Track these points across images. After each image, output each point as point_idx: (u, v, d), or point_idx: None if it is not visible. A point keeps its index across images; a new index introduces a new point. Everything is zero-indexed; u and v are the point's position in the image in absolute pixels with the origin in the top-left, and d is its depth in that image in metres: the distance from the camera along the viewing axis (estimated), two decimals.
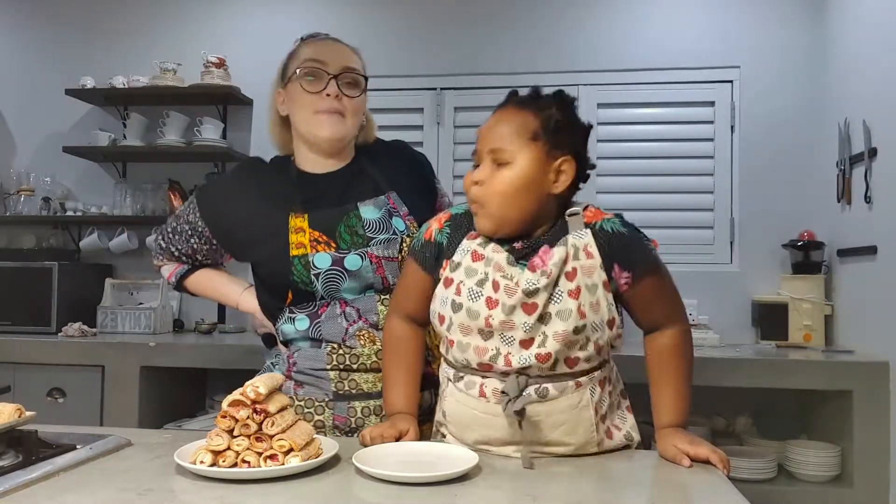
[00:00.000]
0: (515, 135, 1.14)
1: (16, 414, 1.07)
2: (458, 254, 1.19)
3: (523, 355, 1.10)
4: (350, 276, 1.36)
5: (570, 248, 1.12)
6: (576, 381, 1.13)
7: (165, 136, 3.12)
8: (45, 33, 3.38)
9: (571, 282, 1.11)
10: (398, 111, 3.08)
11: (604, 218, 1.15)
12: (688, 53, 2.97)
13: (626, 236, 1.14)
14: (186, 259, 1.56)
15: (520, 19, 3.08)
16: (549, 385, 1.12)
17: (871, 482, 2.22)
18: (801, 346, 2.62)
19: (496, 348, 1.12)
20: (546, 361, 1.10)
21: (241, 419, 1.00)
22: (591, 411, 1.13)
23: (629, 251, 1.13)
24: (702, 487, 1.01)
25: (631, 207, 2.96)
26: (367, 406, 1.36)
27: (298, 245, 1.36)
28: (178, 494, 0.94)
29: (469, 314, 1.13)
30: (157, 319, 2.88)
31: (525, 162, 1.13)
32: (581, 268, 1.11)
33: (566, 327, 1.09)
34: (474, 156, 1.19)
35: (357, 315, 1.37)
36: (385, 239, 1.39)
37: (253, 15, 3.21)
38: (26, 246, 3.21)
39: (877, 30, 2.39)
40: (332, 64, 1.40)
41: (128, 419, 2.50)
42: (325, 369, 1.36)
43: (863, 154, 2.42)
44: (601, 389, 1.16)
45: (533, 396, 1.11)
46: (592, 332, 1.11)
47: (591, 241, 1.12)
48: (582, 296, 1.10)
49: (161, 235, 1.58)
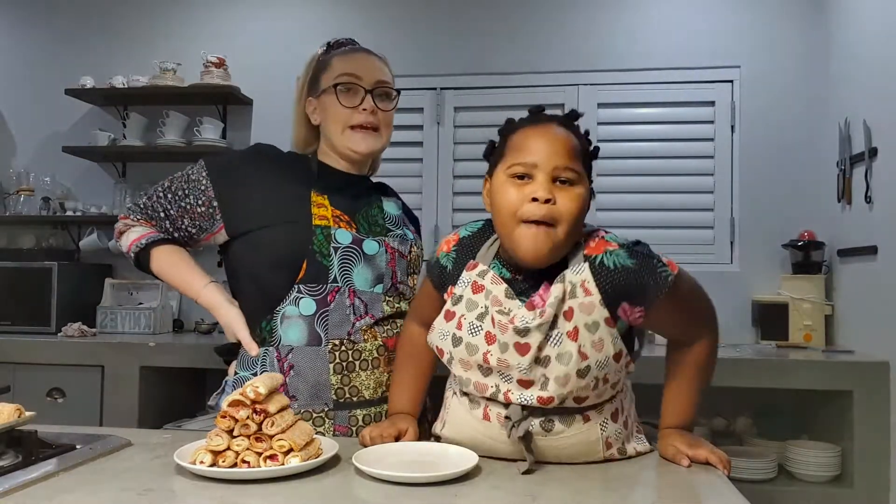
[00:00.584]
0: (576, 157, 1.07)
1: (15, 414, 1.07)
2: (459, 286, 1.14)
3: (524, 394, 1.06)
4: (365, 260, 1.38)
5: (568, 284, 1.05)
6: (584, 415, 1.08)
7: (165, 136, 3.12)
8: (45, 33, 3.38)
9: (569, 321, 1.04)
10: (398, 111, 3.03)
11: (606, 250, 1.07)
12: (688, 53, 2.97)
13: (633, 270, 1.05)
14: (167, 225, 1.45)
15: (520, 19, 3.07)
16: (555, 417, 1.07)
17: (871, 482, 2.22)
18: (802, 346, 2.62)
19: (496, 385, 1.08)
20: (549, 404, 1.05)
21: (241, 419, 1.00)
22: (601, 445, 1.10)
23: (639, 287, 1.05)
24: (702, 487, 1.01)
25: (631, 207, 2.97)
26: (369, 413, 1.36)
27: (321, 217, 1.38)
28: (178, 494, 0.94)
29: (468, 349, 1.09)
30: (156, 319, 2.88)
31: (584, 185, 1.08)
32: (579, 306, 1.04)
33: (567, 371, 1.03)
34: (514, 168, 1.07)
35: (364, 310, 1.38)
36: (400, 234, 1.47)
37: (253, 15, 3.21)
38: (26, 246, 3.21)
39: (877, 29, 2.39)
40: (366, 78, 1.44)
41: (127, 419, 2.50)
42: (326, 373, 1.34)
43: (863, 154, 2.42)
44: (614, 423, 1.12)
45: (537, 428, 1.07)
46: (599, 370, 1.04)
47: (588, 276, 1.05)
48: (581, 336, 1.03)
49: (146, 195, 1.47)
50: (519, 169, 1.07)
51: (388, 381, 1.38)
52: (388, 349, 1.39)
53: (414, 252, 1.49)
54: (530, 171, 1.06)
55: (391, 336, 1.41)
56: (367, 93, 1.43)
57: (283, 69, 3.03)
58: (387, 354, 1.39)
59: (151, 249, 1.45)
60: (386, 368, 1.39)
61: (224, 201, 1.40)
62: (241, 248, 1.42)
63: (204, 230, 1.44)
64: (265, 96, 3.16)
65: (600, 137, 2.99)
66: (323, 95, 1.45)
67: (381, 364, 1.38)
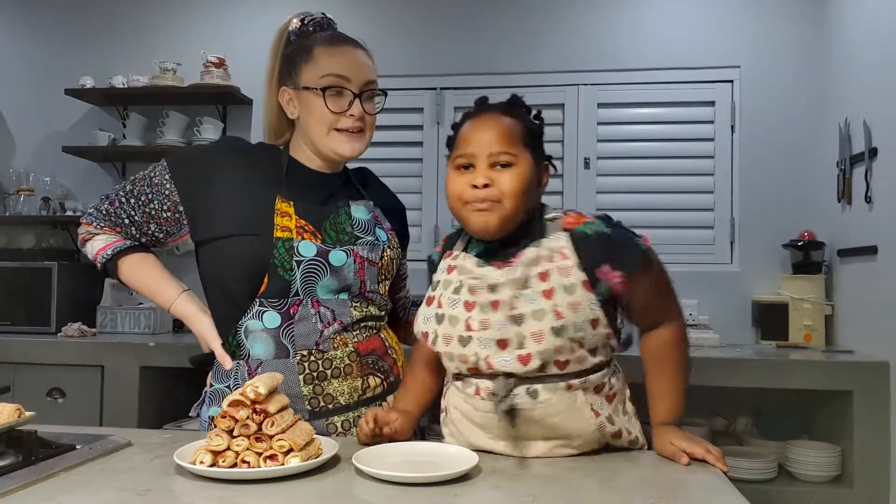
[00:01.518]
0: (513, 140, 1.16)
1: (15, 414, 1.07)
2: (437, 273, 1.24)
3: (503, 357, 1.09)
4: (331, 272, 1.32)
5: (545, 250, 1.13)
6: (567, 383, 1.11)
7: (165, 136, 3.12)
8: (45, 33, 3.38)
9: (544, 282, 1.10)
10: (398, 111, 3.07)
11: (585, 222, 1.16)
12: (688, 53, 2.97)
13: (611, 237, 1.14)
14: (133, 231, 1.39)
15: (520, 19, 3.08)
16: (538, 386, 1.11)
17: (871, 482, 2.22)
18: (802, 346, 2.62)
19: (475, 353, 1.11)
20: (528, 363, 1.08)
21: (241, 419, 1.00)
22: (589, 411, 1.13)
23: (617, 251, 1.12)
24: (702, 487, 1.01)
25: (631, 207, 2.96)
26: (347, 419, 1.32)
27: (283, 228, 1.30)
28: (178, 494, 0.94)
29: (451, 321, 1.15)
30: (156, 319, 2.88)
31: (524, 162, 1.16)
32: (556, 269, 1.11)
33: (542, 327, 1.08)
34: (457, 160, 1.18)
35: (332, 317, 1.32)
36: (370, 241, 1.39)
37: (253, 15, 3.21)
38: (26, 246, 3.21)
39: (877, 29, 2.39)
40: (354, 79, 1.36)
41: (127, 419, 2.50)
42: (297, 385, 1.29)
43: (863, 154, 2.42)
44: (597, 394, 1.14)
45: (523, 397, 1.10)
46: (575, 331, 1.09)
47: (567, 244, 1.13)
48: (557, 295, 1.09)
49: (108, 199, 1.41)
50: (461, 160, 1.18)
51: (363, 386, 1.34)
52: (361, 354, 1.34)
53: (387, 257, 1.41)
54: (471, 161, 1.17)
55: (362, 340, 1.36)
56: (356, 97, 1.36)
57: None
58: (359, 360, 1.34)
59: (118, 260, 1.40)
60: (360, 373, 1.34)
61: (189, 206, 1.36)
62: (207, 256, 1.38)
63: (171, 234, 1.40)
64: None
65: (600, 137, 3.00)
66: (305, 92, 1.36)
67: (354, 370, 1.33)
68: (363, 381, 1.34)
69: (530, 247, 1.14)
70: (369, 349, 1.37)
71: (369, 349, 1.37)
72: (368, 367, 1.36)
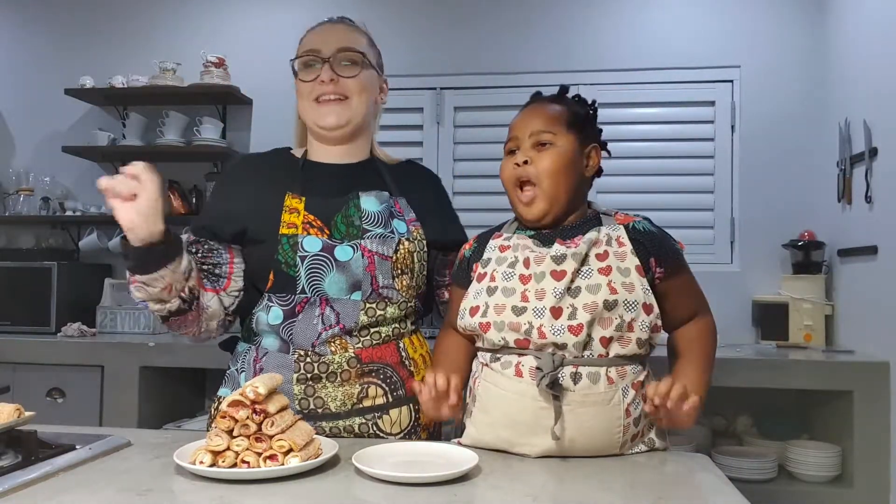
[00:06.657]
0: (554, 121, 1.23)
1: (15, 414, 1.07)
2: (486, 252, 1.27)
3: (555, 326, 1.12)
4: (338, 267, 1.29)
5: (604, 235, 1.19)
6: (608, 377, 1.12)
7: (165, 136, 3.12)
8: (45, 33, 3.38)
9: (602, 261, 1.16)
10: (398, 111, 3.07)
11: (635, 219, 1.24)
12: (688, 53, 2.97)
13: (658, 235, 1.22)
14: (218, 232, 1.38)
15: (520, 19, 3.08)
16: (583, 371, 1.12)
17: (871, 482, 2.22)
18: (802, 346, 2.62)
19: (528, 322, 1.14)
20: (579, 334, 1.11)
21: (241, 419, 1.00)
22: (622, 412, 1.13)
23: (662, 248, 1.21)
24: (702, 487, 1.01)
25: (631, 207, 2.94)
26: (336, 426, 1.29)
27: (290, 224, 1.30)
28: (178, 494, 0.94)
29: (505, 292, 1.18)
30: (156, 319, 2.85)
31: (565, 142, 1.23)
32: (613, 252, 1.17)
33: (595, 299, 1.12)
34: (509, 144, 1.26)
35: (335, 320, 1.29)
36: (381, 234, 1.32)
37: (253, 15, 3.21)
38: (25, 246, 3.21)
39: (877, 30, 2.39)
40: (325, 48, 1.36)
41: (127, 419, 2.50)
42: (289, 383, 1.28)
43: (863, 154, 2.42)
44: (635, 392, 1.15)
45: (567, 380, 1.11)
46: (626, 311, 1.13)
47: (623, 233, 1.20)
48: (613, 274, 1.15)
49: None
50: (510, 145, 1.27)
51: (360, 394, 1.30)
52: (362, 361, 1.30)
53: (404, 249, 1.34)
54: (516, 145, 1.25)
55: (367, 347, 1.31)
56: (325, 62, 1.35)
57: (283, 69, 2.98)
58: (359, 367, 1.30)
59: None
60: (358, 381, 1.30)
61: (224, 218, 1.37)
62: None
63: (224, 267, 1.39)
64: (265, 96, 3.15)
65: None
66: (295, 81, 1.40)
67: (351, 377, 1.29)
68: (361, 390, 1.30)
69: (591, 231, 1.20)
70: (375, 357, 1.32)
71: (375, 357, 1.32)
72: (369, 375, 1.31)
